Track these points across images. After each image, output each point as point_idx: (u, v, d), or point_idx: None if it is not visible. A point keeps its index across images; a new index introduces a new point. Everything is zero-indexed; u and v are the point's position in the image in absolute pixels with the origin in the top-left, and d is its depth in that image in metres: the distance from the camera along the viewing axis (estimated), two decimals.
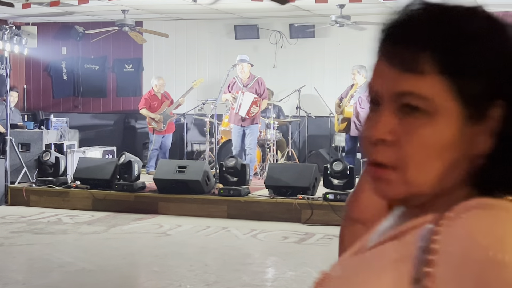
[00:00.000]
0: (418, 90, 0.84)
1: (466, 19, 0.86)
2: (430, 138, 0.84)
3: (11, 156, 9.82)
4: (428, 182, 0.86)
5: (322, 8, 10.49)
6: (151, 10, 11.39)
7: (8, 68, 10.07)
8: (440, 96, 0.84)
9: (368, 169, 0.91)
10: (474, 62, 0.84)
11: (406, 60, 0.85)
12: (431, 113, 0.84)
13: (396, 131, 0.86)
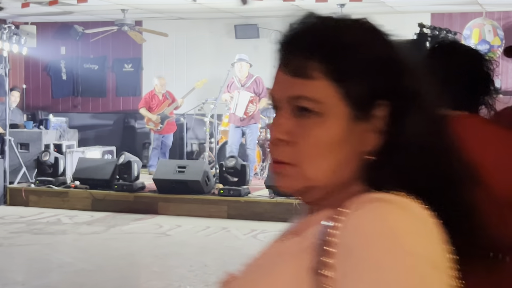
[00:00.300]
0: (309, 93, 0.94)
1: (349, 30, 0.97)
2: (322, 137, 0.94)
3: (10, 156, 9.79)
4: (321, 176, 0.95)
5: (323, 8, 10.47)
6: (151, 9, 11.36)
7: (7, 68, 10.04)
8: (328, 99, 0.94)
9: (272, 166, 0.99)
10: (356, 68, 0.94)
11: (297, 67, 0.94)
12: (321, 114, 0.94)
13: (292, 131, 0.95)
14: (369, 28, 0.99)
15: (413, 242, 0.84)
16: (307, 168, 0.95)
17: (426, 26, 7.81)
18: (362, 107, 0.94)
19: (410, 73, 0.98)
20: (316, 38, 0.97)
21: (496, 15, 10.86)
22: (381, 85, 0.95)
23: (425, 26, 7.73)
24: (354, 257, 0.84)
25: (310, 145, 0.94)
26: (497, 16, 10.85)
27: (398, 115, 0.95)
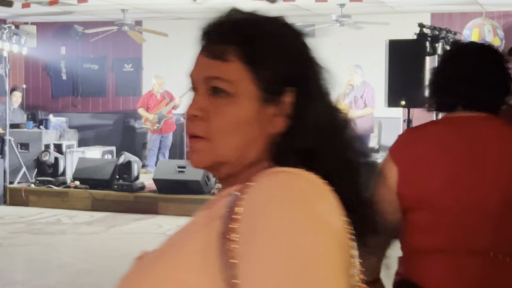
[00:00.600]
0: (224, 74, 1.03)
1: (265, 22, 1.09)
2: (233, 115, 1.03)
3: (10, 156, 9.79)
4: (230, 151, 1.03)
5: (322, 8, 10.46)
6: (151, 9, 11.36)
7: (7, 68, 10.03)
8: (241, 81, 1.03)
9: (188, 142, 1.07)
10: (268, 55, 1.04)
11: (216, 50, 1.05)
12: (234, 94, 1.03)
13: (206, 109, 1.04)
14: (283, 23, 1.12)
15: (314, 207, 0.92)
16: (219, 142, 1.03)
17: (426, 26, 7.80)
18: (272, 91, 1.04)
19: (314, 64, 1.11)
20: (234, 26, 1.07)
21: (496, 15, 10.86)
22: (289, 72, 1.05)
23: (425, 26, 7.72)
24: (257, 220, 0.91)
25: (222, 121, 1.03)
26: (497, 16, 10.85)
27: (303, 101, 1.05)
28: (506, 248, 2.10)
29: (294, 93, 1.05)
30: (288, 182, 0.94)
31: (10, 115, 10.36)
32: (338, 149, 1.06)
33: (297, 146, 1.03)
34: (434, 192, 2.09)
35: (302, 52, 1.10)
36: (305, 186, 0.94)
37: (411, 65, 7.41)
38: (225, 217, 0.95)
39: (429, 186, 2.10)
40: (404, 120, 7.80)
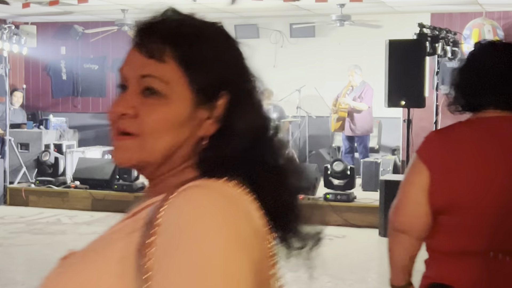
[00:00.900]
0: (158, 74, 1.03)
1: (204, 27, 1.08)
2: (165, 115, 1.02)
3: (10, 156, 9.79)
4: (159, 150, 1.03)
5: (323, 8, 10.46)
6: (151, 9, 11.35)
7: (7, 68, 10.03)
8: (176, 82, 1.03)
9: (112, 140, 1.08)
10: (203, 59, 1.04)
11: (153, 49, 1.03)
12: (168, 95, 1.03)
13: (137, 107, 1.03)
14: (220, 29, 1.11)
15: (229, 226, 0.94)
16: (148, 140, 1.03)
17: (426, 26, 7.80)
18: (205, 95, 1.05)
19: (247, 72, 1.11)
20: (173, 27, 1.06)
21: (496, 15, 10.85)
22: (223, 78, 1.06)
23: (425, 26, 7.72)
24: (172, 240, 0.93)
25: (153, 120, 1.03)
26: (497, 16, 10.85)
27: (233, 107, 1.06)
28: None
29: (226, 98, 1.06)
30: (205, 200, 0.96)
31: (11, 115, 10.36)
32: (266, 155, 1.07)
33: (223, 150, 1.04)
34: (470, 194, 2.07)
35: (236, 59, 1.11)
36: (222, 204, 0.96)
37: (411, 65, 7.42)
38: (143, 231, 0.98)
39: (465, 189, 2.08)
40: (404, 120, 7.80)
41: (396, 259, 2.22)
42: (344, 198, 8.30)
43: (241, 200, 1.00)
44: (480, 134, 2.13)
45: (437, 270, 2.14)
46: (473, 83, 2.17)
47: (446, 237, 2.12)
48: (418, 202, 2.11)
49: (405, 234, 2.16)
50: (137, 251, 0.97)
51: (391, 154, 10.84)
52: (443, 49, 7.84)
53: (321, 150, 11.73)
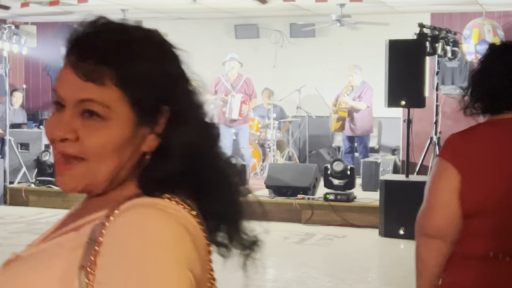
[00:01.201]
0: (98, 98, 1.01)
1: (140, 42, 1.04)
2: (107, 138, 1.01)
3: (10, 156, 9.79)
4: (104, 174, 1.03)
5: (323, 8, 10.46)
6: (151, 9, 11.36)
7: (7, 68, 10.03)
8: (116, 104, 1.01)
9: (56, 165, 1.05)
10: (143, 78, 1.02)
11: (89, 72, 1.00)
12: (109, 118, 1.01)
13: (77, 130, 1.01)
14: (158, 42, 1.08)
15: (163, 246, 0.95)
16: (94, 165, 1.02)
17: (426, 26, 7.80)
18: (146, 113, 1.03)
19: (189, 87, 1.09)
20: (108, 45, 1.02)
21: (496, 15, 10.85)
22: (163, 94, 1.04)
23: (425, 26, 7.72)
24: (115, 258, 0.94)
25: (95, 144, 1.01)
26: (497, 16, 10.85)
27: (173, 122, 1.05)
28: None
29: (167, 113, 1.05)
30: (149, 221, 0.97)
31: (12, 116, 10.36)
32: (209, 167, 1.09)
33: (164, 167, 1.04)
34: (500, 196, 2.06)
35: (175, 71, 1.09)
36: (166, 226, 0.97)
37: (411, 65, 7.42)
38: (86, 249, 0.98)
39: (495, 191, 2.07)
40: (404, 120, 7.81)
41: (429, 268, 2.15)
42: (344, 198, 8.30)
43: (183, 218, 1.00)
44: (505, 135, 2.13)
45: (466, 276, 2.12)
46: (492, 86, 2.16)
47: (478, 241, 2.10)
48: (451, 206, 2.08)
49: (440, 240, 2.12)
50: (79, 268, 0.97)
51: (391, 154, 10.84)
52: (443, 49, 7.84)
53: (321, 150, 11.73)
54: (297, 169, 9.09)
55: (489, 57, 2.22)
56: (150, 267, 0.93)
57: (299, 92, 11.17)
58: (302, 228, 8.09)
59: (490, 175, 2.08)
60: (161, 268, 0.93)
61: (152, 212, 0.98)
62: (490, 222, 2.08)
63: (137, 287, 0.92)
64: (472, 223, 2.10)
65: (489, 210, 2.08)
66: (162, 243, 0.96)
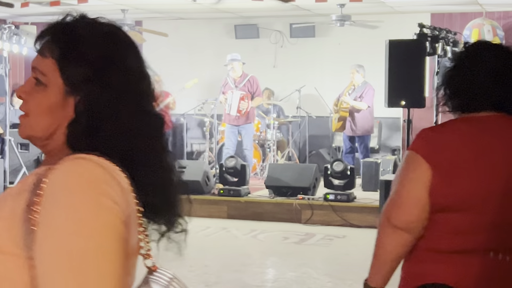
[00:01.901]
0: (40, 67, 1.30)
1: (84, 27, 1.35)
2: (43, 100, 1.29)
3: (10, 156, 9.79)
4: (40, 127, 1.30)
5: (323, 8, 10.46)
6: (151, 9, 11.36)
7: (7, 68, 10.03)
8: (52, 74, 1.29)
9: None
10: (75, 56, 1.28)
11: (41, 48, 1.32)
12: (46, 84, 1.29)
13: (28, 92, 1.31)
14: (108, 31, 1.35)
15: (100, 190, 1.17)
16: (32, 120, 1.31)
17: (426, 26, 7.80)
18: (74, 85, 1.28)
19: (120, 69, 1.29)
20: (57, 28, 1.34)
21: (496, 15, 10.85)
22: (91, 72, 1.27)
23: (425, 26, 7.72)
24: (55, 198, 1.16)
25: (36, 104, 1.30)
26: (497, 16, 10.85)
27: (100, 97, 1.27)
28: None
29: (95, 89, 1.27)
30: (82, 168, 1.19)
31: (13, 116, 10.36)
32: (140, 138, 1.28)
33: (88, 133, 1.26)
34: (473, 192, 2.06)
35: (112, 56, 1.30)
36: (96, 171, 1.19)
37: (411, 65, 7.41)
38: (31, 191, 1.20)
39: (468, 187, 2.06)
40: (404, 120, 7.80)
41: (387, 257, 2.16)
42: (344, 198, 8.30)
43: (113, 169, 1.21)
44: (479, 132, 2.12)
45: (433, 269, 2.12)
46: (466, 84, 2.16)
47: (446, 236, 2.10)
48: (419, 199, 2.08)
49: (404, 232, 2.13)
50: (24, 208, 1.19)
51: (391, 154, 10.84)
52: (443, 49, 7.84)
53: (321, 150, 11.73)
54: (297, 169, 9.09)
55: (466, 56, 2.22)
56: (84, 210, 1.14)
57: (299, 92, 11.17)
58: (302, 228, 8.09)
59: (465, 171, 2.07)
60: (92, 210, 1.14)
61: (87, 162, 1.20)
62: (465, 218, 2.08)
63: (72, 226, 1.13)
64: (439, 218, 2.10)
65: (463, 206, 2.07)
66: (94, 182, 1.17)
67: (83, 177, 1.17)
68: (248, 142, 10.22)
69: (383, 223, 2.20)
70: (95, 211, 1.15)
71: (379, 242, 2.20)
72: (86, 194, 1.16)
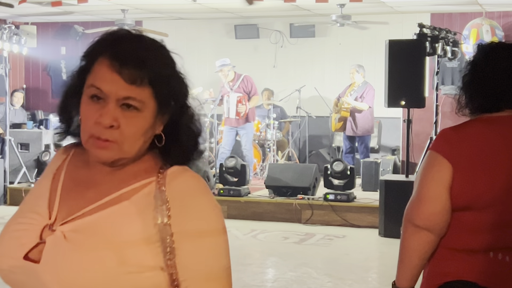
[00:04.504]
0: (137, 96, 1.34)
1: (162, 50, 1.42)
2: (140, 125, 1.35)
3: (10, 156, 9.79)
4: (135, 150, 1.37)
5: (323, 8, 10.46)
6: (151, 9, 11.36)
7: (7, 68, 10.03)
8: (148, 100, 1.35)
9: (95, 141, 1.34)
10: (165, 79, 1.37)
11: (134, 78, 1.33)
12: (142, 109, 1.35)
13: (118, 120, 1.33)
14: (168, 49, 1.44)
15: (211, 195, 1.39)
16: (127, 145, 1.35)
17: (426, 26, 7.81)
18: (164, 105, 1.38)
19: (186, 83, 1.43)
20: (145, 54, 1.36)
21: (496, 15, 10.86)
22: (176, 92, 1.39)
23: (425, 26, 7.72)
24: (185, 207, 1.33)
25: (131, 131, 1.35)
26: (497, 16, 10.85)
27: (179, 111, 1.40)
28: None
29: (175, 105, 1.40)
30: (197, 179, 1.38)
31: (13, 116, 10.36)
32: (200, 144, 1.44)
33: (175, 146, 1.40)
34: (494, 191, 2.07)
35: (179, 72, 1.43)
36: (204, 184, 1.39)
37: (411, 65, 7.42)
38: (156, 205, 1.33)
39: (489, 186, 2.07)
40: (404, 120, 7.81)
41: (412, 258, 2.17)
42: (344, 198, 8.30)
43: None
44: (499, 131, 2.14)
45: (454, 267, 2.13)
46: (485, 85, 2.17)
47: (466, 234, 2.11)
48: (441, 198, 2.08)
49: (428, 231, 2.13)
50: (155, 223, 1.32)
51: (391, 154, 10.84)
52: (443, 49, 7.84)
53: (321, 150, 11.73)
54: (297, 169, 9.09)
55: (482, 57, 2.22)
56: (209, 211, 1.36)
57: (299, 92, 11.17)
58: (302, 228, 8.09)
59: (485, 170, 2.08)
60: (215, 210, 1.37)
61: (191, 174, 1.39)
62: (484, 217, 2.09)
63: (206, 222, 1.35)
64: (460, 216, 2.10)
65: (483, 205, 2.08)
66: (208, 194, 1.38)
67: (201, 188, 1.38)
68: (247, 141, 10.22)
69: (405, 223, 2.20)
70: (218, 211, 1.38)
71: (403, 243, 2.21)
72: (210, 201, 1.37)
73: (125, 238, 1.30)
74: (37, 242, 1.33)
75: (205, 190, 1.37)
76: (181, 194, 1.34)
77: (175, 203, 1.33)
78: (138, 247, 1.30)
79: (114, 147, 1.35)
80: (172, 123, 1.41)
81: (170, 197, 1.33)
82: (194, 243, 1.33)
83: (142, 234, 1.31)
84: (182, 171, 1.38)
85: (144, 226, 1.31)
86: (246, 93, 10.12)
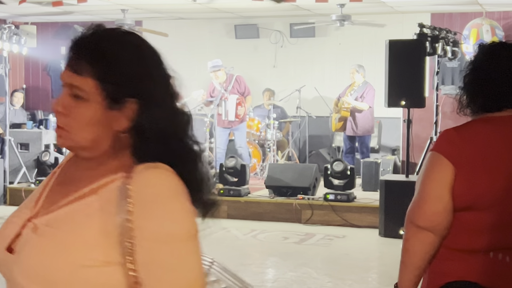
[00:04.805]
0: (80, 85, 1.38)
1: (118, 44, 1.39)
2: (84, 114, 1.38)
3: (10, 156, 9.78)
4: (83, 138, 1.39)
5: (323, 8, 10.46)
6: (151, 9, 11.36)
7: (7, 68, 10.03)
8: (91, 90, 1.37)
9: (56, 130, 1.42)
10: (111, 74, 1.37)
11: (75, 67, 1.39)
12: (86, 99, 1.38)
13: (67, 107, 1.39)
14: (136, 46, 1.40)
15: (183, 196, 1.35)
16: (73, 133, 1.39)
17: (426, 26, 7.80)
18: (115, 99, 1.37)
19: (157, 81, 1.41)
20: (91, 45, 1.39)
21: (496, 15, 10.85)
22: (129, 90, 1.37)
23: (425, 26, 7.72)
24: (143, 202, 1.30)
25: (76, 118, 1.39)
26: (497, 16, 10.85)
27: (143, 109, 1.37)
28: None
29: (135, 102, 1.38)
30: (165, 176, 1.34)
31: (13, 116, 10.36)
32: (179, 144, 1.41)
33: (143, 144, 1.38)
34: (496, 192, 2.08)
35: (146, 70, 1.40)
36: (174, 179, 1.35)
37: (411, 65, 7.42)
38: (119, 202, 1.32)
39: (491, 186, 2.08)
40: (404, 120, 7.81)
41: (415, 259, 2.16)
42: (344, 198, 8.30)
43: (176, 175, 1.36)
44: (501, 131, 2.14)
45: (455, 268, 2.13)
46: (486, 85, 2.16)
47: (467, 234, 2.11)
48: (443, 198, 2.08)
49: (430, 232, 2.12)
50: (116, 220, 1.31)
51: (391, 154, 10.84)
52: (443, 49, 7.84)
53: (321, 150, 11.73)
54: (297, 169, 9.08)
55: (484, 56, 2.22)
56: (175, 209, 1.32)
57: (299, 92, 11.17)
58: (302, 228, 8.09)
59: (487, 170, 2.08)
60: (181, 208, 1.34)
61: (164, 171, 1.35)
62: (485, 217, 2.09)
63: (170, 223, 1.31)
64: (465, 216, 2.10)
65: (484, 205, 2.08)
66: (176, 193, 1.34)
67: (170, 186, 1.34)
68: (241, 140, 10.24)
69: (407, 224, 2.20)
70: (188, 215, 1.35)
71: (405, 244, 2.20)
72: (178, 201, 1.34)
73: (86, 232, 1.32)
74: (15, 234, 1.39)
75: (173, 188, 1.33)
76: (145, 190, 1.32)
77: (138, 199, 1.31)
78: (98, 241, 1.31)
79: (65, 135, 1.39)
80: (141, 121, 1.39)
81: (134, 193, 1.31)
82: (154, 244, 1.30)
83: (103, 229, 1.31)
84: (150, 168, 1.35)
85: (105, 221, 1.32)
86: (240, 93, 10.14)
